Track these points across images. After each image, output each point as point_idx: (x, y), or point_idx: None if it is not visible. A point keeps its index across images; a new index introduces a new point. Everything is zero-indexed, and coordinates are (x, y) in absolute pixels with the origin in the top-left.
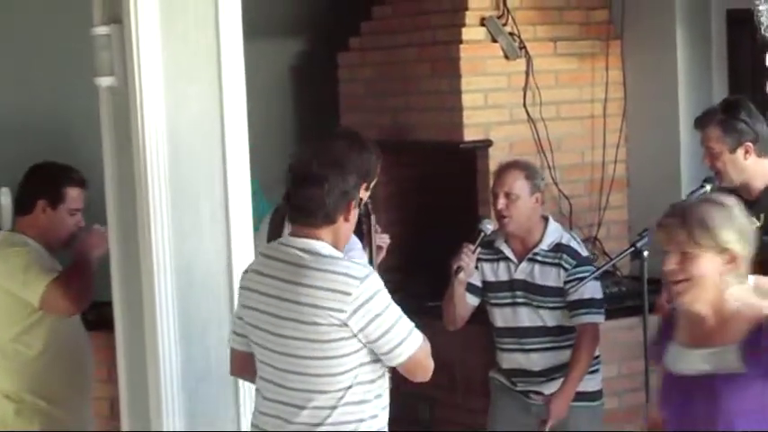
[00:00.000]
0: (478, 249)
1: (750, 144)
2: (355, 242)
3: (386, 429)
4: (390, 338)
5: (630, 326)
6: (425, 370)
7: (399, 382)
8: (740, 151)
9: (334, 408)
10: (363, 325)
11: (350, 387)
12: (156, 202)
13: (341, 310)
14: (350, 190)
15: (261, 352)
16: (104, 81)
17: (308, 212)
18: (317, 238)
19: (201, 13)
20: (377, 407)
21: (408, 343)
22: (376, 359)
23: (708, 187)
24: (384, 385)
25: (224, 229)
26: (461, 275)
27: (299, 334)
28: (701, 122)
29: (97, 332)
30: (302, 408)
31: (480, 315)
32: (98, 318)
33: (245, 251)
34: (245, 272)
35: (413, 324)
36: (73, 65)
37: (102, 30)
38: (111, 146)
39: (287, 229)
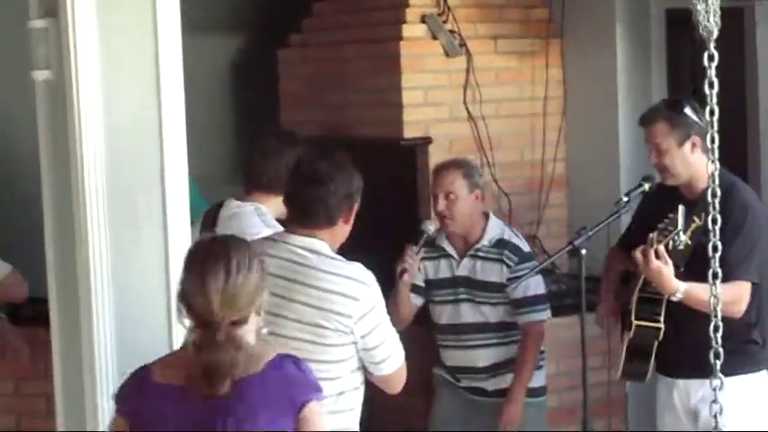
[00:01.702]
0: (422, 251)
1: (697, 138)
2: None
3: None
4: (385, 348)
5: (569, 324)
6: (402, 382)
7: None
8: (687, 145)
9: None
10: (366, 332)
11: (341, 394)
12: (92, 198)
13: (349, 316)
14: (354, 192)
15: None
16: (41, 75)
17: (311, 212)
18: (318, 238)
19: (139, 7)
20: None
21: (397, 355)
22: (359, 368)
23: (646, 186)
24: (360, 399)
25: (161, 225)
26: (405, 277)
27: (301, 335)
28: (648, 119)
29: (33, 328)
30: None
31: (418, 315)
32: (34, 314)
33: (182, 248)
34: None
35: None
36: (8, 58)
37: (38, 23)
38: (47, 140)
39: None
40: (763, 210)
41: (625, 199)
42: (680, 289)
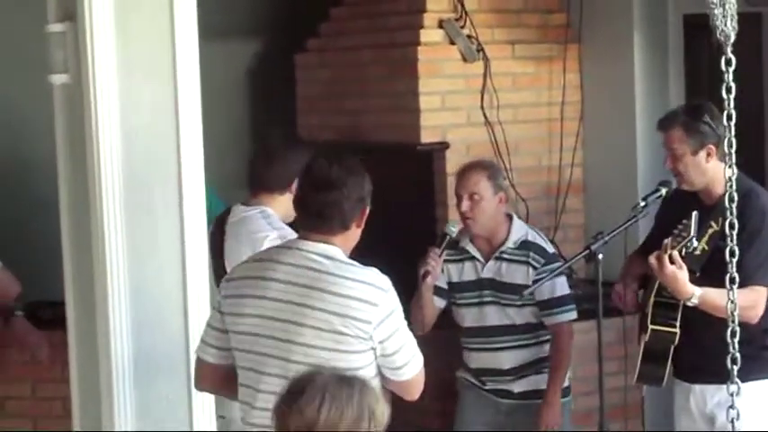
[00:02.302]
0: (444, 253)
1: (713, 147)
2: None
3: None
4: (404, 354)
5: (585, 329)
6: (420, 388)
7: None
8: (702, 153)
9: None
10: (385, 337)
11: None
12: (109, 202)
13: (368, 321)
14: (365, 196)
15: (263, 361)
16: (58, 79)
17: (326, 217)
18: (332, 244)
19: (156, 11)
20: None
21: (416, 360)
22: (376, 375)
23: (663, 191)
24: None
25: (178, 228)
26: (429, 280)
27: (320, 342)
28: (664, 124)
29: (51, 331)
30: None
31: (439, 317)
32: (53, 316)
33: (198, 251)
34: (230, 279)
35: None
36: (27, 62)
37: (56, 27)
38: (64, 144)
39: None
40: None
41: (642, 204)
42: (695, 294)
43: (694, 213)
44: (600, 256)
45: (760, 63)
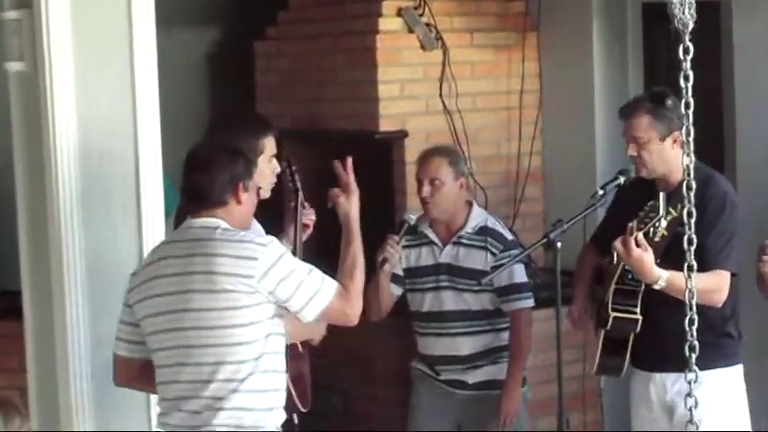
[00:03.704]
0: (403, 240)
1: (678, 134)
2: (258, 230)
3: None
4: (301, 296)
5: (544, 317)
6: (347, 314)
7: (313, 375)
8: (669, 140)
9: (242, 381)
10: (273, 287)
11: (259, 357)
12: (66, 192)
13: (250, 276)
14: (238, 172)
15: (166, 337)
16: (14, 66)
17: (200, 197)
18: (215, 217)
19: None
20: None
21: (320, 297)
22: (279, 333)
23: (622, 179)
24: (282, 362)
25: (135, 219)
26: (386, 267)
27: (212, 303)
28: (628, 111)
29: (7, 321)
30: (209, 382)
31: (396, 305)
32: (8, 306)
33: (156, 240)
34: (135, 273)
35: (324, 276)
36: None
37: (11, 14)
38: (20, 132)
39: None
40: (738, 202)
41: (601, 192)
42: (662, 277)
43: (662, 194)
44: (559, 244)
45: (718, 52)
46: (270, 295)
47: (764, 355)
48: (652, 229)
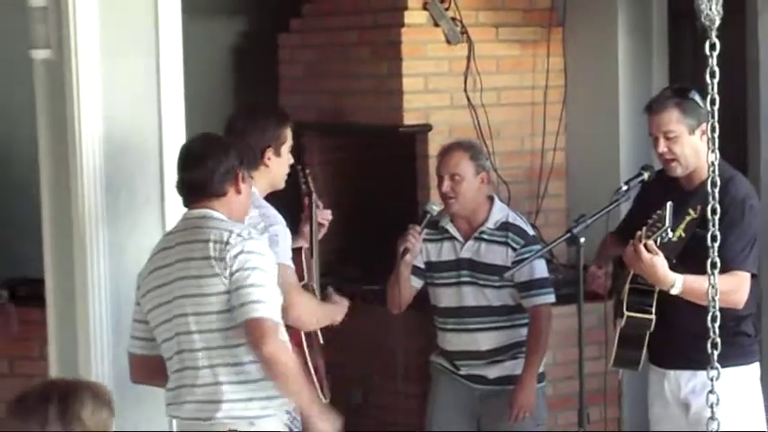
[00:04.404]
0: (424, 231)
1: (705, 126)
2: (277, 218)
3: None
4: (249, 293)
5: (566, 314)
6: (264, 340)
7: (332, 368)
8: (698, 133)
9: (235, 365)
10: (235, 269)
11: (238, 346)
12: (90, 180)
13: (221, 258)
14: (234, 164)
15: (166, 328)
16: (39, 54)
17: (196, 191)
18: (212, 209)
19: None
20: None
21: (264, 307)
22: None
23: (645, 175)
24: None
25: (158, 209)
26: (408, 257)
27: (201, 290)
28: (657, 106)
29: (29, 308)
30: (207, 367)
31: (417, 299)
32: (31, 293)
33: None
34: (140, 274)
35: (277, 305)
36: (6, 36)
37: (38, 2)
38: (45, 120)
39: None
40: (759, 204)
41: (624, 188)
42: (677, 282)
43: (669, 204)
44: (582, 239)
45: (743, 48)
46: (231, 277)
47: None
48: (661, 238)
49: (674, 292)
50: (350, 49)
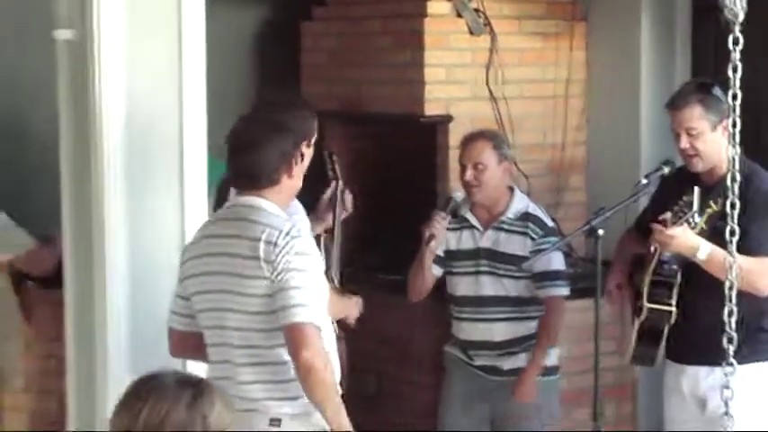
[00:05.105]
0: (449, 217)
1: (727, 121)
2: (297, 207)
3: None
4: (292, 296)
5: (583, 308)
6: (304, 347)
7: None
8: (720, 129)
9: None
10: (279, 270)
11: (274, 347)
12: (110, 162)
13: (269, 261)
14: (289, 150)
15: (210, 316)
16: (62, 34)
17: (251, 177)
18: (262, 197)
19: None
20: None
21: (305, 311)
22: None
23: (666, 169)
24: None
25: (178, 191)
26: (433, 244)
27: (243, 289)
28: (679, 102)
29: (47, 289)
30: (242, 365)
31: (435, 289)
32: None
33: (198, 214)
34: (188, 246)
35: (320, 306)
36: (30, 17)
37: None
38: (66, 100)
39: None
40: None
41: (644, 181)
42: (703, 247)
43: (696, 189)
44: (600, 231)
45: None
46: (276, 277)
47: None
48: (688, 223)
49: (699, 257)
50: (372, 39)
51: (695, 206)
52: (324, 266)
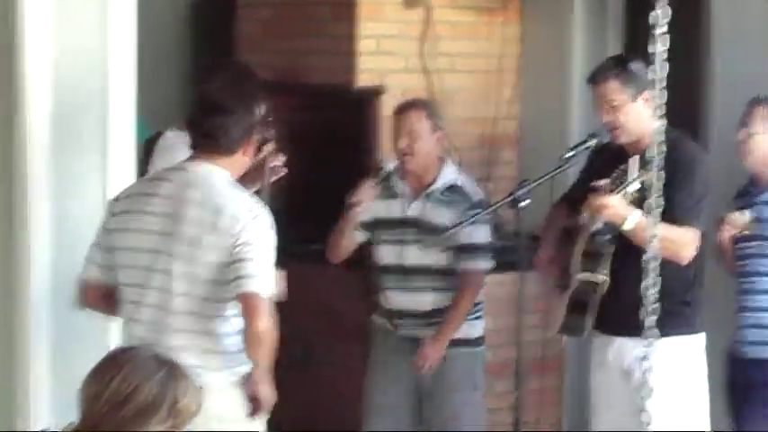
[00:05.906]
0: (378, 186)
1: (648, 93)
2: None
3: None
4: (246, 266)
5: (510, 281)
6: (257, 315)
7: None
8: (641, 100)
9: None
10: (238, 243)
11: (234, 316)
12: (35, 122)
13: (231, 234)
14: (255, 124)
15: (146, 275)
16: None
17: (213, 140)
18: (217, 165)
19: None
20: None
21: (261, 282)
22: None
23: (592, 142)
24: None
25: (101, 156)
26: (357, 209)
27: (199, 254)
28: (598, 76)
29: None
30: (179, 331)
31: (357, 258)
32: None
33: (125, 176)
34: (118, 198)
35: (272, 280)
36: None
37: None
38: None
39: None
40: (707, 164)
41: (570, 154)
42: (630, 216)
43: (635, 157)
44: (524, 203)
45: (698, 19)
46: (233, 248)
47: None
48: (625, 191)
49: (627, 226)
50: (307, 9)
51: (635, 173)
52: None
